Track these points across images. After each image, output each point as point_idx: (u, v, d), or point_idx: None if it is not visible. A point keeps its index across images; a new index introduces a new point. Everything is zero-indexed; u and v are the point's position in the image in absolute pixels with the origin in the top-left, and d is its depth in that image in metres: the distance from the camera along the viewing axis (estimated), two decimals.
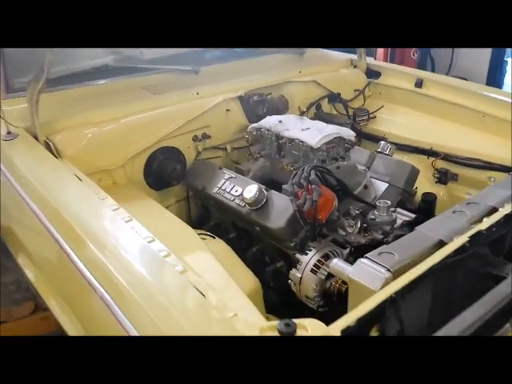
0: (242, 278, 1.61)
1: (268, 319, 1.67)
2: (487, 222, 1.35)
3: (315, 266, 1.55)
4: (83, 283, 1.15)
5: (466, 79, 3.37)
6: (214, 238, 1.81)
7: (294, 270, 1.60)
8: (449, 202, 2.31)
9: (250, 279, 1.64)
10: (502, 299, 1.14)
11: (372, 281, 1.20)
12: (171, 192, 2.15)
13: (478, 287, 1.34)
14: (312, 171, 1.65)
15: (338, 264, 1.36)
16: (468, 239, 1.27)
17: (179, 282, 1.07)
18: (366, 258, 1.27)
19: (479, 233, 1.30)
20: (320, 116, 2.60)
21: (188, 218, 2.20)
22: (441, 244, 1.34)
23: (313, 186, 1.60)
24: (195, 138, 2.14)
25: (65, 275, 1.36)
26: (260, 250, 1.88)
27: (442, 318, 1.31)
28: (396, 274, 1.22)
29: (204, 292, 1.05)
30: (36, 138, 1.78)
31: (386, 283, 1.19)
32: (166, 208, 2.12)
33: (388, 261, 1.25)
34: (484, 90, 2.52)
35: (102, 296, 1.07)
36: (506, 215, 1.38)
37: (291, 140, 1.90)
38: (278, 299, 1.83)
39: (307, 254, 1.59)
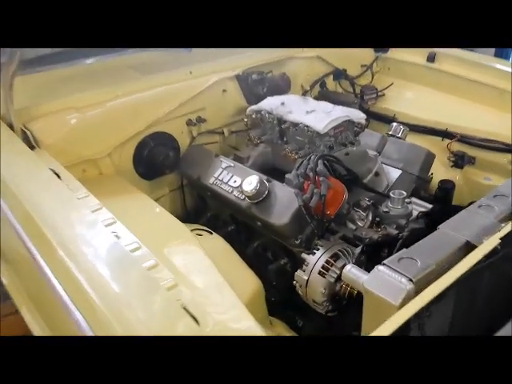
0: (242, 278, 1.47)
1: (271, 322, 1.54)
2: None
3: (323, 267, 1.39)
4: (56, 301, 0.99)
5: None
6: (212, 233, 1.65)
7: (299, 271, 1.45)
8: (465, 188, 2.15)
9: (251, 280, 1.48)
10: None
11: (392, 293, 1.05)
12: (164, 181, 1.98)
13: (506, 292, 1.20)
14: (319, 161, 1.48)
15: (351, 271, 1.20)
16: (500, 241, 1.11)
17: (166, 303, 0.91)
18: (385, 265, 1.11)
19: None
20: (324, 94, 2.41)
21: (183, 209, 2.04)
22: (468, 246, 1.18)
23: (321, 179, 1.42)
24: (189, 122, 1.96)
25: (37, 288, 1.21)
26: (262, 245, 1.72)
27: (464, 325, 1.17)
28: (419, 285, 1.07)
29: (197, 316, 0.89)
30: (11, 126, 1.59)
31: (408, 296, 1.04)
32: (159, 198, 1.99)
33: (409, 269, 1.09)
34: (500, 64, 2.31)
35: (76, 321, 0.91)
36: None
37: (295, 124, 1.72)
38: (282, 299, 1.68)
39: (314, 253, 1.43)
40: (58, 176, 1.35)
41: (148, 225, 1.43)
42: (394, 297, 1.04)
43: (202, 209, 1.97)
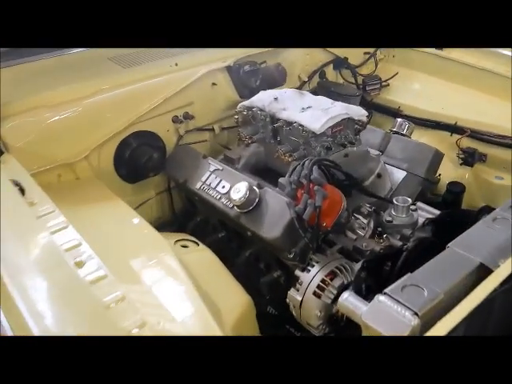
0: (230, 295, 1.34)
1: None
2: None
3: (319, 287, 1.25)
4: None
5: None
6: (198, 244, 1.51)
7: (293, 290, 1.31)
8: (475, 188, 2.00)
9: (240, 296, 1.35)
10: None
11: (394, 330, 0.91)
12: (150, 183, 1.84)
13: None
14: (314, 167, 1.32)
15: (348, 300, 1.06)
16: None
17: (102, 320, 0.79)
18: (386, 294, 0.96)
19: None
20: (324, 86, 2.24)
21: (171, 213, 1.90)
22: (482, 270, 1.03)
23: (315, 188, 1.27)
24: (175, 119, 1.81)
25: None
26: (254, 254, 1.58)
27: None
28: (425, 318, 0.93)
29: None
30: None
31: (413, 333, 0.90)
32: (146, 202, 1.86)
33: (415, 300, 0.95)
34: None
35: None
36: None
37: (289, 123, 1.56)
38: (276, 313, 1.55)
39: (309, 270, 1.29)
40: (22, 188, 1.20)
41: (121, 236, 1.29)
42: (396, 334, 0.91)
43: (191, 213, 1.83)
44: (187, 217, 1.83)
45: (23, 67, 1.71)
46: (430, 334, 0.83)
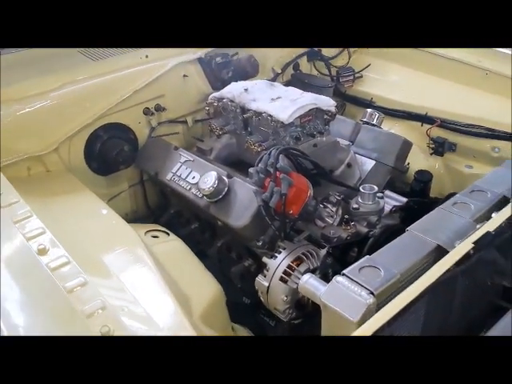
0: (200, 284, 1.36)
1: (233, 330, 1.42)
2: (497, 219, 1.08)
3: (285, 272, 1.27)
4: None
5: None
6: (169, 234, 1.51)
7: (260, 276, 1.32)
8: (446, 176, 2.03)
9: (211, 285, 1.36)
10: None
11: (350, 308, 0.94)
12: (123, 176, 1.83)
13: (482, 300, 1.09)
14: (280, 155, 1.34)
15: (308, 282, 1.08)
16: (473, 245, 0.99)
17: (63, 304, 0.80)
18: (344, 275, 0.98)
19: (487, 235, 1.03)
20: (298, 78, 2.25)
21: (145, 205, 1.91)
22: (439, 251, 1.06)
23: (281, 176, 1.29)
24: (147, 112, 1.81)
25: None
26: (226, 244, 1.60)
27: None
28: (381, 298, 0.95)
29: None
30: None
31: (369, 311, 0.92)
32: (119, 194, 1.85)
33: (371, 279, 0.98)
34: None
35: None
36: None
37: (258, 113, 1.57)
38: (248, 301, 1.57)
39: (276, 257, 1.30)
40: None
41: (89, 228, 1.29)
42: (352, 312, 0.93)
43: (164, 205, 1.83)
44: (161, 209, 1.84)
45: None
46: (383, 311, 0.85)
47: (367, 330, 0.81)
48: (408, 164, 1.79)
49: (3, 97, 1.53)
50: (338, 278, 0.98)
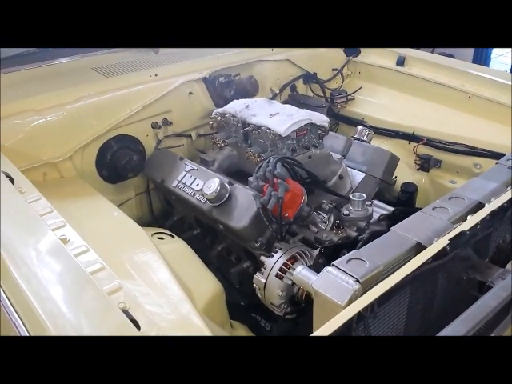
0: (202, 281, 1.46)
1: (232, 326, 1.53)
2: (471, 221, 1.20)
3: (281, 269, 1.39)
4: None
5: (452, 56, 3.20)
6: (174, 237, 1.63)
7: (258, 273, 1.44)
8: (431, 191, 2.17)
9: (212, 283, 1.47)
10: (485, 315, 1.00)
11: (338, 294, 1.04)
12: (130, 184, 1.96)
13: (461, 295, 1.21)
14: (278, 163, 1.48)
15: (302, 273, 1.20)
16: (449, 242, 1.12)
17: (104, 305, 0.90)
18: (333, 266, 1.10)
19: (462, 234, 1.16)
20: (295, 98, 2.41)
21: (150, 213, 2.03)
22: (419, 247, 1.18)
23: (278, 181, 1.42)
24: (154, 125, 1.95)
25: None
26: (226, 248, 1.71)
27: (420, 329, 1.18)
28: (366, 285, 1.07)
29: (140, 320, 0.89)
30: None
31: (355, 296, 1.04)
32: (126, 202, 1.97)
33: (357, 269, 1.09)
34: (470, 68, 2.34)
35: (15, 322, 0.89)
36: (493, 212, 1.23)
37: (258, 127, 1.72)
38: (246, 302, 1.68)
39: (272, 256, 1.42)
40: (12, 179, 1.32)
41: (103, 227, 1.41)
42: (340, 297, 1.04)
43: (168, 212, 1.95)
44: (165, 217, 1.96)
45: (14, 75, 1.83)
46: (364, 296, 0.97)
47: (352, 310, 0.93)
48: (395, 177, 1.93)
49: (25, 107, 1.68)
50: (328, 268, 1.10)
